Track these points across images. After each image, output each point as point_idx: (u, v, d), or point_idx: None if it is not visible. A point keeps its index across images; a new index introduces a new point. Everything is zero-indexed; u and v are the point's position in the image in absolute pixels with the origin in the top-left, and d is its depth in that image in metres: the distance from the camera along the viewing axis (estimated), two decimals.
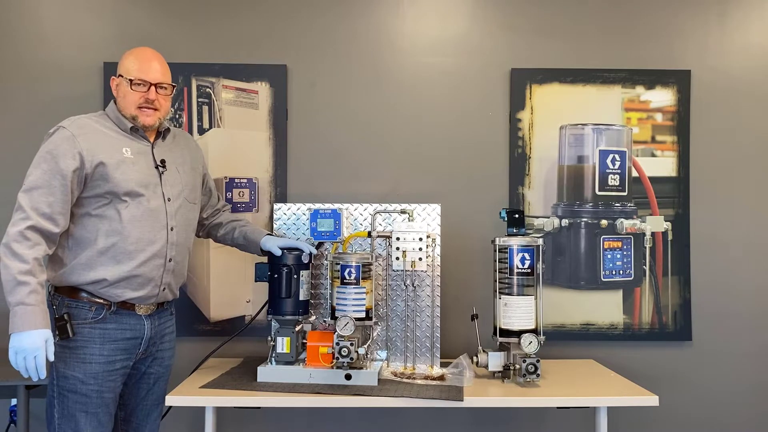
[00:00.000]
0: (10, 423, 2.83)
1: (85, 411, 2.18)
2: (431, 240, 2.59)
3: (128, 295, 2.22)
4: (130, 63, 2.29)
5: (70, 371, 2.17)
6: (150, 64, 2.30)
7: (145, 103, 2.27)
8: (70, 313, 2.17)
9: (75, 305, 2.19)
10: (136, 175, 2.24)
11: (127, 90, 2.27)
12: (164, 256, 2.28)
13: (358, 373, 2.35)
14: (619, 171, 2.99)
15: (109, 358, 2.21)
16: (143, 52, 2.33)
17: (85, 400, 2.17)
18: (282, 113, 2.96)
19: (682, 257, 3.00)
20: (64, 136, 2.18)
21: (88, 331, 2.19)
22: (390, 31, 3.02)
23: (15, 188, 2.20)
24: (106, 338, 2.20)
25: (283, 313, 2.42)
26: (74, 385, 2.17)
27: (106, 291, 2.20)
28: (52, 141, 2.18)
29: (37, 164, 2.16)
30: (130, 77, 2.27)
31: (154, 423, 2.45)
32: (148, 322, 2.30)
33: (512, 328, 2.47)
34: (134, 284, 2.23)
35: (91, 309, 2.19)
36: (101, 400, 2.20)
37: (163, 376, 2.43)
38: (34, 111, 2.93)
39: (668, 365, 3.00)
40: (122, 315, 2.24)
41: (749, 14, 3.05)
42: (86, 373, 2.17)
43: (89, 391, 2.18)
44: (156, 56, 2.33)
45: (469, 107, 3.01)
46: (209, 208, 2.62)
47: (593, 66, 3.00)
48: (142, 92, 2.27)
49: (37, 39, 2.95)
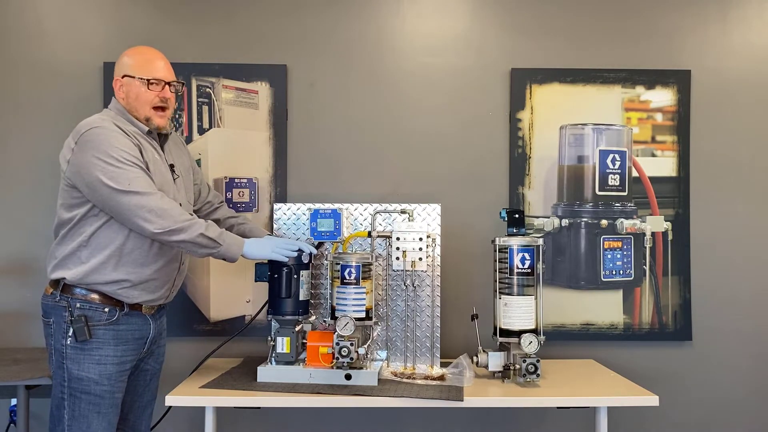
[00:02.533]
0: (10, 423, 2.83)
1: (98, 412, 2.17)
2: (431, 240, 2.59)
3: (144, 297, 2.24)
4: (139, 62, 2.26)
5: (84, 373, 2.16)
6: (161, 62, 2.29)
7: (160, 102, 2.25)
8: (86, 315, 2.16)
9: (89, 307, 2.17)
10: (160, 178, 2.24)
11: (141, 90, 2.24)
12: (179, 260, 2.32)
13: (358, 373, 2.35)
14: (619, 171, 2.99)
15: (121, 358, 2.22)
16: (149, 51, 2.31)
17: (98, 401, 2.17)
18: (282, 113, 2.96)
19: (682, 257, 3.00)
20: (110, 129, 2.14)
21: (102, 333, 2.18)
22: (390, 31, 3.02)
23: (15, 187, 2.19)
24: (119, 339, 2.21)
25: (283, 313, 2.41)
26: (88, 386, 2.16)
27: (125, 292, 2.20)
28: (104, 137, 2.12)
29: (108, 164, 2.09)
30: (147, 76, 2.23)
31: (148, 419, 2.47)
32: (152, 322, 2.31)
33: (512, 328, 2.47)
34: (152, 287, 2.25)
35: (105, 311, 2.19)
36: (113, 401, 2.20)
37: (157, 372, 2.44)
38: (34, 111, 2.93)
39: (668, 365, 3.00)
40: (132, 316, 2.24)
41: (749, 14, 3.05)
42: (101, 374, 2.17)
43: (103, 392, 2.17)
44: (160, 55, 2.32)
45: (469, 107, 3.01)
46: (200, 202, 2.61)
47: (593, 66, 3.00)
48: (157, 91, 2.25)
49: (37, 39, 2.95)
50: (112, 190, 2.08)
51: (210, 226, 2.19)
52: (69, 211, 2.20)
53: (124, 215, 2.11)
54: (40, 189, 2.89)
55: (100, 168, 2.09)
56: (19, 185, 2.92)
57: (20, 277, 2.91)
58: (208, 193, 2.65)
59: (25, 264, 2.91)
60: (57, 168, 2.71)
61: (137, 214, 2.09)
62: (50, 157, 2.89)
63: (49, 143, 2.90)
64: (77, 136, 2.15)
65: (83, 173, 2.12)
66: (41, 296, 2.25)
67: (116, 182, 2.08)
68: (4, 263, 2.92)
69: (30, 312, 2.89)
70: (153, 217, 2.09)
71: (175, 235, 2.11)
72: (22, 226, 2.91)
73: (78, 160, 2.13)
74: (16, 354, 2.74)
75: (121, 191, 2.08)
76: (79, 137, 2.14)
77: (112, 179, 2.08)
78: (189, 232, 2.12)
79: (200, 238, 2.14)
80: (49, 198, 2.87)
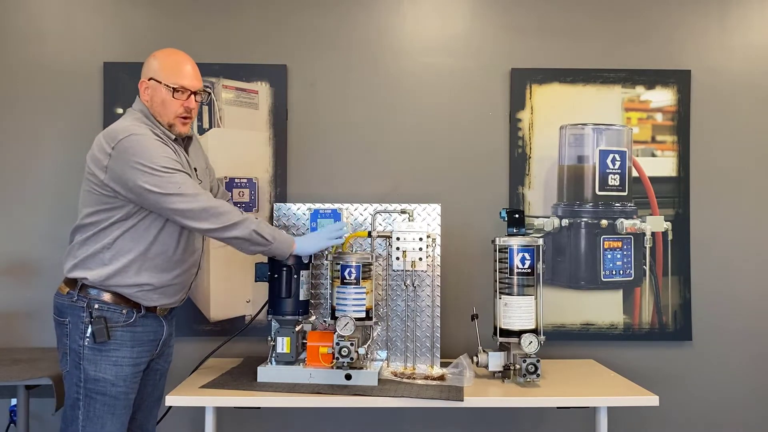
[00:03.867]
0: (10, 423, 2.83)
1: (112, 413, 2.17)
2: (431, 240, 2.59)
3: (162, 301, 2.25)
4: (167, 67, 2.22)
5: (101, 374, 2.15)
6: (192, 70, 2.25)
7: (184, 112, 2.23)
8: (105, 317, 2.16)
9: (107, 308, 2.17)
10: None
11: (167, 98, 2.21)
12: (197, 264, 2.35)
13: (358, 373, 2.35)
14: (619, 171, 2.99)
15: (137, 360, 2.22)
16: (177, 55, 2.27)
17: (113, 402, 2.17)
18: (282, 113, 2.96)
19: (682, 257, 3.00)
20: (148, 136, 2.15)
21: (120, 334, 2.18)
22: (390, 31, 3.02)
23: (15, 187, 2.19)
24: (135, 341, 2.22)
25: (283, 313, 2.41)
26: (104, 388, 2.16)
27: (145, 295, 2.20)
28: (144, 145, 2.11)
29: (153, 171, 2.10)
30: (173, 84, 2.21)
31: (155, 418, 2.48)
32: (165, 323, 2.32)
33: (512, 328, 2.46)
34: (171, 291, 2.27)
35: (123, 312, 2.19)
36: (127, 402, 2.21)
37: (166, 371, 2.46)
38: (35, 111, 2.93)
39: (668, 365, 3.00)
40: (147, 318, 2.25)
41: (749, 14, 3.05)
42: (117, 375, 2.17)
43: (118, 393, 2.18)
44: (189, 60, 2.28)
45: (469, 107, 3.01)
46: None
47: (593, 66, 3.00)
48: (182, 101, 2.22)
49: (37, 39, 2.95)
50: (159, 195, 2.09)
51: (261, 223, 2.23)
52: (97, 214, 2.18)
53: (178, 217, 2.13)
54: (40, 189, 2.89)
55: (145, 176, 2.08)
56: (20, 185, 2.91)
57: (20, 277, 2.91)
58: (218, 193, 2.66)
59: (25, 264, 2.91)
60: (57, 168, 2.71)
61: (190, 216, 2.12)
62: (50, 157, 2.90)
63: (49, 143, 2.91)
64: (113, 142, 2.11)
65: (127, 181, 2.10)
66: (54, 295, 2.25)
67: (164, 188, 2.09)
68: (3, 263, 2.91)
69: (30, 312, 2.89)
70: (207, 215, 2.13)
71: (228, 231, 2.15)
72: (22, 226, 2.91)
73: (119, 167, 2.10)
74: (16, 354, 2.74)
75: (170, 195, 2.10)
76: (117, 144, 2.11)
77: (157, 186, 2.09)
78: (242, 228, 2.17)
79: (253, 234, 2.18)
80: (49, 198, 2.88)
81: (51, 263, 2.80)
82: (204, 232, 2.18)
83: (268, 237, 2.22)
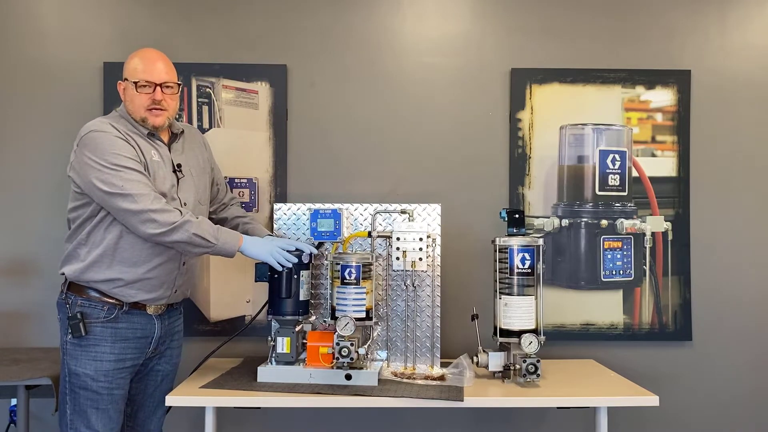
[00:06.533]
0: (10, 423, 2.83)
1: (96, 407, 2.21)
2: (431, 240, 2.59)
3: (141, 296, 2.26)
4: (134, 65, 2.29)
5: (81, 369, 2.21)
6: (154, 64, 2.29)
7: (152, 104, 2.26)
8: (83, 312, 2.21)
9: (88, 304, 2.22)
10: (161, 179, 2.26)
11: (134, 93, 2.26)
12: (178, 260, 2.33)
13: (358, 373, 2.35)
14: (619, 171, 2.99)
15: (119, 356, 2.24)
16: (146, 53, 2.32)
17: (95, 397, 2.21)
18: (282, 113, 2.96)
19: (682, 257, 3.00)
20: (109, 133, 2.18)
21: (100, 330, 2.22)
22: (390, 31, 3.01)
23: (15, 187, 2.20)
24: (117, 337, 2.24)
25: (283, 313, 2.42)
26: (85, 382, 2.20)
27: (120, 291, 2.23)
28: (100, 141, 2.16)
29: (102, 167, 2.13)
30: (135, 80, 2.26)
31: (159, 420, 2.49)
32: (158, 322, 2.33)
33: (512, 328, 2.46)
34: (148, 286, 2.26)
35: (104, 308, 2.22)
36: (111, 397, 2.23)
37: (170, 373, 2.46)
38: (35, 111, 2.93)
39: (668, 365, 3.00)
40: (133, 314, 2.26)
41: (749, 14, 3.05)
42: (97, 370, 2.21)
43: (100, 388, 2.21)
44: (160, 56, 2.32)
45: (469, 107, 3.01)
46: (216, 202, 2.63)
47: (593, 66, 3.00)
48: (148, 93, 2.26)
49: (37, 39, 2.95)
50: (104, 193, 2.13)
51: (203, 224, 2.21)
52: (75, 210, 2.26)
53: (120, 217, 2.17)
54: (40, 189, 2.89)
55: (95, 171, 2.14)
56: (19, 185, 2.91)
57: (20, 277, 2.91)
58: (225, 194, 2.67)
59: (24, 264, 2.91)
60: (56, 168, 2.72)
61: (131, 217, 2.13)
62: (50, 158, 2.90)
63: (48, 144, 2.91)
64: (78, 138, 2.21)
65: (81, 176, 2.18)
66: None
67: (109, 185, 2.12)
68: (3, 263, 2.91)
69: (30, 312, 2.90)
70: (145, 219, 2.12)
71: (168, 236, 2.14)
72: (21, 227, 2.91)
73: (78, 163, 2.19)
74: (16, 354, 2.74)
75: (113, 194, 2.12)
76: (79, 140, 2.20)
77: (104, 182, 2.13)
78: (181, 232, 2.15)
79: (193, 237, 2.16)
80: (49, 198, 2.88)
81: (51, 263, 2.79)
82: (145, 236, 2.16)
83: (210, 238, 2.19)
